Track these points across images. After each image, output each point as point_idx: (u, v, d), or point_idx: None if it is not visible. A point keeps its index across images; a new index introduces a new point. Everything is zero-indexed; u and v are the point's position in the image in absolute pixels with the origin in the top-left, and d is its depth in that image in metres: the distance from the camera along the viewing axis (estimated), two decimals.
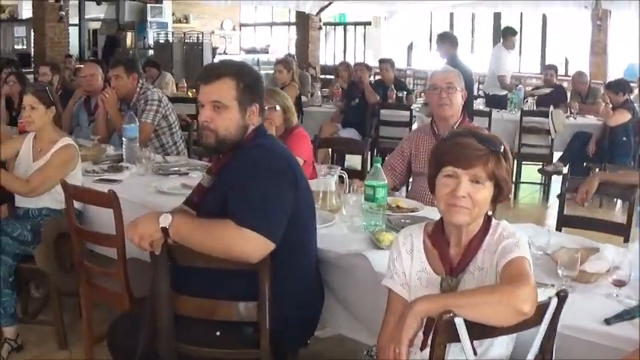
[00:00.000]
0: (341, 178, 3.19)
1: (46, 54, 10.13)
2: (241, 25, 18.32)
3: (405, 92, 8.38)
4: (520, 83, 12.87)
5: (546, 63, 13.78)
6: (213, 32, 16.38)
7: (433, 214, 3.04)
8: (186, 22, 16.87)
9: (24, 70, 7.90)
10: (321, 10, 13.55)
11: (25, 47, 14.01)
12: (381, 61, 8.56)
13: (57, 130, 3.78)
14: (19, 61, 12.98)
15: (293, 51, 17.06)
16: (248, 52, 16.78)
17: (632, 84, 8.25)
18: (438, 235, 1.94)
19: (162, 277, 2.15)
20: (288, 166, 2.32)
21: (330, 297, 2.54)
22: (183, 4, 16.71)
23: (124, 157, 4.31)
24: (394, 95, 8.27)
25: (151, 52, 14.77)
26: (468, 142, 1.84)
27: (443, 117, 3.52)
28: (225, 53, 15.58)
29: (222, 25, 17.56)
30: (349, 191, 3.24)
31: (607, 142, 6.85)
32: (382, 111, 7.42)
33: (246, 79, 2.37)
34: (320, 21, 13.95)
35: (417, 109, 7.66)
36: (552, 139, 6.88)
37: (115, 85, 4.87)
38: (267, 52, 16.71)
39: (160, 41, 14.03)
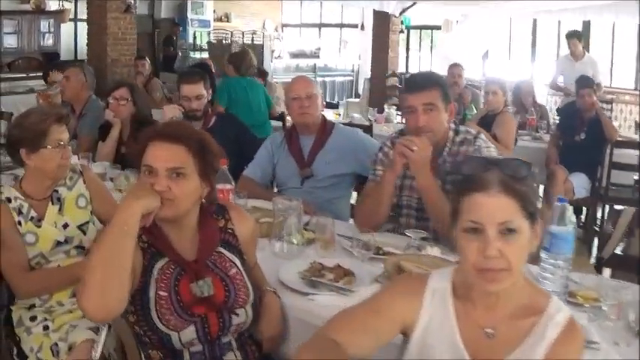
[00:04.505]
0: None
1: (107, 54, 7.31)
2: (283, 26, 15.61)
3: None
4: (613, 101, 10.79)
5: None
6: (255, 32, 13.70)
7: None
8: (228, 21, 14.34)
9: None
10: (404, 10, 11.12)
11: (52, 45, 11.08)
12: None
13: None
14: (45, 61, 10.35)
15: (349, 55, 14.57)
16: (295, 55, 14.12)
17: None
18: None
19: None
20: None
21: None
22: (224, 0, 14.04)
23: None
24: (534, 122, 6.50)
25: (197, 53, 12.00)
26: None
27: None
28: (280, 57, 12.91)
29: (264, 24, 14.87)
30: None
31: None
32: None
33: None
34: (402, 23, 11.43)
35: None
36: None
37: (428, 123, 2.74)
38: (318, 57, 14.05)
39: (213, 41, 11.32)
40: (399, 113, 6.64)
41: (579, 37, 8.02)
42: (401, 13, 11.72)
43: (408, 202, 2.98)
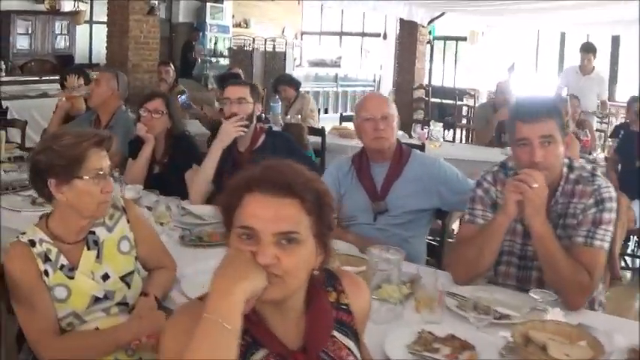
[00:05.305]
0: None
1: (128, 59, 6.83)
2: (303, 34, 15.14)
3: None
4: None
5: None
6: (275, 40, 13.24)
7: None
8: (246, 27, 13.85)
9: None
10: (432, 20, 10.70)
11: (66, 47, 10.63)
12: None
13: None
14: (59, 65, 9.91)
15: (370, 65, 14.13)
16: (314, 64, 13.64)
17: None
18: None
19: None
20: None
21: None
22: (243, 6, 13.59)
23: None
24: (589, 143, 5.92)
25: (215, 59, 11.53)
26: None
27: None
28: (300, 65, 12.45)
29: (283, 31, 14.41)
30: None
31: None
32: None
33: None
34: (430, 34, 10.94)
35: None
36: None
37: (545, 158, 2.28)
38: (339, 66, 13.58)
39: (233, 47, 10.88)
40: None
41: (594, 53, 7.69)
42: (429, 23, 11.30)
43: (509, 248, 2.46)
